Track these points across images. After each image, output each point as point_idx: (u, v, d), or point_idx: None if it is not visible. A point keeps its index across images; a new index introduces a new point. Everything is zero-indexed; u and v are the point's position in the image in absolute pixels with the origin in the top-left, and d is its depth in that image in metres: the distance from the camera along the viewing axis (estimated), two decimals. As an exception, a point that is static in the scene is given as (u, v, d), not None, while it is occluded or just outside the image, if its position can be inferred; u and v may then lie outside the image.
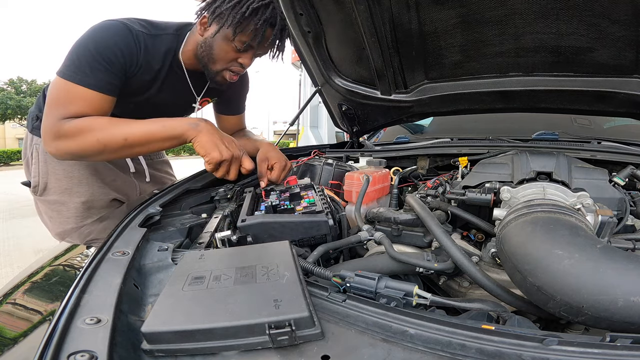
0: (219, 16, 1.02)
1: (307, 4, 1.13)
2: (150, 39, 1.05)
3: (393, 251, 0.71)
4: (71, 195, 1.20)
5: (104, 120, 0.94)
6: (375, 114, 1.59)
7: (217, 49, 1.07)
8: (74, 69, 0.94)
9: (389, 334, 0.46)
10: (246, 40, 1.06)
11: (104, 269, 0.55)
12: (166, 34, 1.09)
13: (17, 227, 4.36)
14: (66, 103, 0.93)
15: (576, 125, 1.81)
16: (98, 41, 0.96)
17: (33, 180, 1.21)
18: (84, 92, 0.94)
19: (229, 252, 0.65)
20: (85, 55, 0.95)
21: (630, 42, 0.98)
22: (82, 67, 0.94)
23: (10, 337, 0.51)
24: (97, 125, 0.92)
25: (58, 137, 0.92)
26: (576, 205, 0.69)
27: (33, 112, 1.23)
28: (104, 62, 0.96)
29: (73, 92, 0.94)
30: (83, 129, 0.92)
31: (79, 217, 1.22)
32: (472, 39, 1.12)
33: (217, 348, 0.42)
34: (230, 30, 1.02)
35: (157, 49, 1.07)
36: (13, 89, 23.42)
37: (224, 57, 1.08)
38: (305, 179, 1.04)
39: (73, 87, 0.93)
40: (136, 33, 1.02)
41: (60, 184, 1.19)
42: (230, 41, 1.05)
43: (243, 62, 1.11)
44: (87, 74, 0.94)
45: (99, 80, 0.95)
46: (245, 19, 1.01)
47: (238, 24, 1.01)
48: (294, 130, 7.02)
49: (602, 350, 0.40)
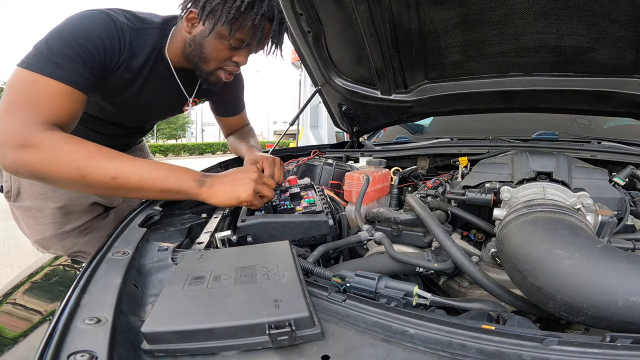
0: (210, 12, 0.91)
1: (307, 4, 1.13)
2: (135, 33, 0.93)
3: (393, 251, 0.71)
4: (46, 200, 1.10)
5: (92, 147, 0.76)
6: (375, 114, 1.59)
7: (209, 48, 0.97)
8: (44, 59, 0.77)
9: (389, 334, 0.46)
10: (243, 37, 0.96)
11: (104, 269, 0.55)
12: (152, 27, 0.97)
13: (17, 228, 4.37)
14: (35, 102, 0.75)
15: (576, 125, 1.82)
16: (76, 29, 0.82)
17: (5, 185, 1.10)
18: (56, 87, 0.77)
19: (229, 252, 0.65)
20: (57, 44, 0.79)
21: (630, 42, 0.98)
22: (52, 57, 0.78)
23: (10, 337, 0.51)
24: (83, 151, 0.74)
25: (22, 147, 0.72)
26: (576, 205, 0.69)
27: None
28: (81, 52, 0.81)
29: (42, 87, 0.76)
30: (61, 148, 0.73)
31: (57, 224, 1.12)
32: (472, 39, 1.12)
33: (217, 348, 0.42)
34: (225, 27, 0.92)
35: (142, 44, 0.95)
36: (13, 89, 23.36)
37: (217, 56, 0.98)
38: (305, 179, 1.04)
39: (42, 80, 0.76)
40: (121, 26, 0.89)
41: (34, 188, 1.09)
42: (224, 39, 0.95)
43: (238, 60, 1.02)
44: (59, 64, 0.78)
45: (73, 73, 0.80)
46: (241, 15, 0.91)
47: (233, 20, 0.90)
48: (294, 130, 7.02)
49: (602, 350, 0.40)
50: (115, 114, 1.09)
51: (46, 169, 0.73)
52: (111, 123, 1.14)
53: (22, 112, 0.74)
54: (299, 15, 1.14)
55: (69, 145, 0.74)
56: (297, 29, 1.21)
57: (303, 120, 7.54)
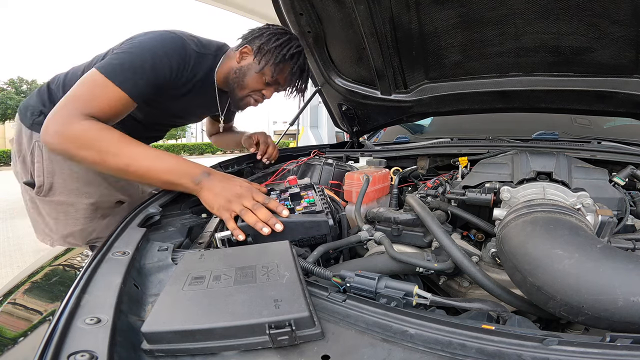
0: (262, 52, 1.09)
1: (307, 4, 1.14)
2: (198, 58, 1.08)
3: (393, 251, 0.71)
4: (79, 196, 1.17)
5: (115, 135, 0.89)
6: (375, 114, 1.59)
7: (250, 79, 1.13)
8: (118, 70, 0.93)
9: (389, 334, 0.46)
10: (280, 80, 1.14)
11: (104, 269, 0.55)
12: (209, 53, 1.13)
13: (17, 227, 4.35)
14: (92, 98, 0.90)
15: (576, 125, 1.81)
16: (156, 51, 0.97)
17: (37, 180, 1.15)
18: (116, 94, 0.92)
19: (229, 252, 0.65)
20: (136, 60, 0.94)
21: (630, 42, 0.98)
22: (127, 70, 0.93)
23: (10, 337, 0.51)
24: (107, 137, 0.88)
25: (66, 127, 0.86)
26: (576, 205, 0.69)
27: (35, 106, 1.16)
28: (153, 73, 0.96)
29: (106, 91, 0.91)
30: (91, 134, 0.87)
31: (88, 219, 1.19)
32: (472, 39, 1.12)
33: (217, 348, 0.42)
34: (269, 68, 1.10)
35: (200, 68, 1.10)
36: (13, 89, 23.43)
37: (253, 86, 1.14)
38: (305, 179, 1.04)
39: (110, 85, 0.91)
40: (190, 52, 1.04)
41: (67, 184, 1.15)
42: (264, 76, 1.12)
43: (266, 94, 1.19)
44: (128, 77, 0.93)
45: (136, 86, 0.94)
46: (284, 61, 1.10)
47: (278, 64, 1.09)
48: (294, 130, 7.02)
49: (602, 350, 0.40)
50: (149, 113, 1.20)
51: (77, 150, 0.86)
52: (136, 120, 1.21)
53: (80, 103, 0.89)
54: (299, 15, 1.14)
55: (98, 131, 0.87)
56: (297, 29, 1.21)
57: (303, 120, 7.53)
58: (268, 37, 1.11)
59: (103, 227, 1.22)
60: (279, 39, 1.10)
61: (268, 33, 1.12)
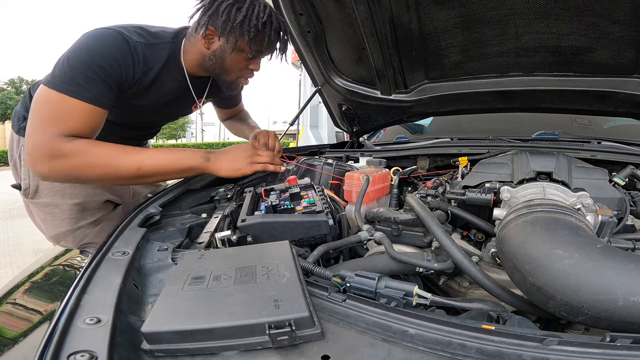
0: (231, 31, 1.00)
1: (307, 4, 1.14)
2: (149, 49, 1.01)
3: (393, 251, 0.71)
4: (64, 197, 1.16)
5: (114, 146, 0.90)
6: (375, 114, 1.59)
7: (230, 61, 1.07)
8: (68, 81, 0.87)
9: (389, 334, 0.46)
10: (260, 49, 1.08)
11: (104, 269, 0.55)
12: (164, 42, 1.06)
13: (17, 227, 4.36)
14: (61, 118, 0.86)
15: (576, 125, 1.81)
16: (92, 50, 0.90)
17: (23, 183, 1.16)
18: (80, 106, 0.87)
19: (229, 252, 0.65)
20: (78, 65, 0.88)
21: (630, 42, 0.98)
22: (76, 78, 0.87)
23: (10, 337, 0.51)
24: (108, 151, 0.88)
25: (55, 157, 0.85)
26: (576, 205, 0.69)
27: (19, 111, 1.16)
28: (100, 73, 0.90)
29: (67, 106, 0.86)
30: (90, 152, 0.87)
31: (74, 219, 1.19)
32: (472, 39, 1.12)
33: (217, 348, 0.42)
34: (245, 45, 1.03)
35: (156, 58, 1.04)
36: (13, 89, 23.44)
37: (237, 66, 1.10)
38: (305, 179, 1.04)
39: (67, 100, 0.86)
40: (134, 44, 0.96)
41: (52, 185, 1.15)
42: (243, 52, 1.06)
43: (254, 67, 1.14)
44: (83, 85, 0.87)
45: (95, 93, 0.89)
46: (258, 32, 1.02)
47: (253, 38, 1.01)
48: (294, 130, 7.02)
49: (602, 350, 0.40)
50: (131, 118, 1.19)
51: (80, 172, 0.87)
52: (125, 125, 1.21)
53: (50, 127, 0.85)
54: (299, 15, 1.14)
55: (95, 148, 0.88)
56: (297, 29, 1.21)
57: (303, 120, 7.54)
58: (227, 10, 0.98)
59: (96, 233, 1.22)
60: (240, 8, 0.98)
61: (225, 5, 0.98)
